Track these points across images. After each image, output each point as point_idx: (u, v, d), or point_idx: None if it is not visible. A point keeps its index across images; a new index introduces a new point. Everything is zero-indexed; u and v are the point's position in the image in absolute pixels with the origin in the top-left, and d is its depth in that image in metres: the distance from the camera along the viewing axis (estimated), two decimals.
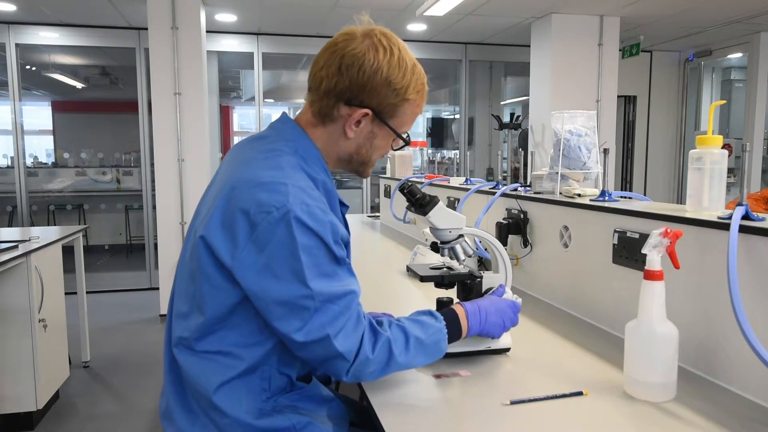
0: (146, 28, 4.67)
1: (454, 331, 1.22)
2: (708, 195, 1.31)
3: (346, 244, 1.15)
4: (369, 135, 1.18)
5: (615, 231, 1.54)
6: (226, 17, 5.28)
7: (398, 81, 1.13)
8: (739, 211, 1.16)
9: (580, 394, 1.16)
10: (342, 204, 1.27)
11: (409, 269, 1.56)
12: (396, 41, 1.16)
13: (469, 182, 2.74)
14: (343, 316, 1.06)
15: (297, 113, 1.25)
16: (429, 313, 1.22)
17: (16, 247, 2.74)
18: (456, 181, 2.91)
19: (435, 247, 1.43)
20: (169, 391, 1.19)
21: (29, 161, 7.03)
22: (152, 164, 5.07)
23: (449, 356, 1.33)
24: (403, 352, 1.12)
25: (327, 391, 1.25)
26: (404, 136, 1.22)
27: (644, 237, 1.35)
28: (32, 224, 5.98)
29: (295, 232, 1.03)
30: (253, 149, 1.18)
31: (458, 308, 1.26)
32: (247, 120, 11.40)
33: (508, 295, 1.39)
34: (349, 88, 1.12)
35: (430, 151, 4.54)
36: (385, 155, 1.29)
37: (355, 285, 1.12)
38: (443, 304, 1.39)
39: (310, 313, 1.04)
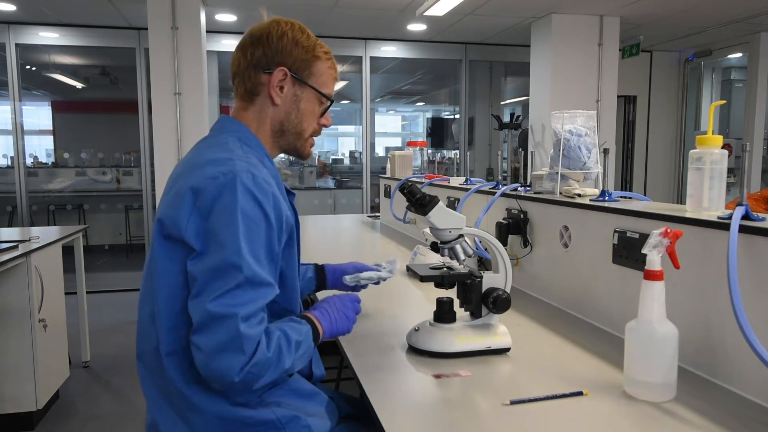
0: (146, 28, 4.67)
1: (315, 335, 1.20)
2: (708, 195, 1.31)
3: (290, 232, 1.19)
4: (294, 99, 1.26)
5: (615, 231, 1.55)
6: (226, 17, 5.28)
7: (304, 40, 1.25)
8: (739, 211, 1.16)
9: (580, 394, 1.16)
10: (289, 192, 1.29)
11: (409, 269, 1.56)
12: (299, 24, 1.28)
13: (469, 182, 2.74)
14: (256, 304, 1.05)
15: None
16: (290, 318, 1.19)
17: (16, 247, 2.74)
18: (456, 181, 2.91)
19: (435, 247, 1.43)
20: (150, 403, 1.19)
21: (29, 161, 7.03)
22: (152, 164, 5.06)
23: (449, 356, 1.34)
24: (289, 353, 1.10)
25: (310, 385, 1.27)
26: (327, 95, 1.28)
27: (644, 237, 1.35)
28: (32, 224, 5.98)
29: (238, 196, 1.06)
30: (199, 146, 1.26)
31: (309, 315, 1.25)
32: None
33: (367, 274, 1.53)
34: (264, 55, 1.22)
35: (430, 151, 4.54)
36: (316, 127, 1.31)
37: (275, 284, 1.11)
38: (443, 304, 1.40)
39: (230, 284, 1.03)
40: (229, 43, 5.94)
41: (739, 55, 6.40)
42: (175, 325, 1.11)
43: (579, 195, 1.79)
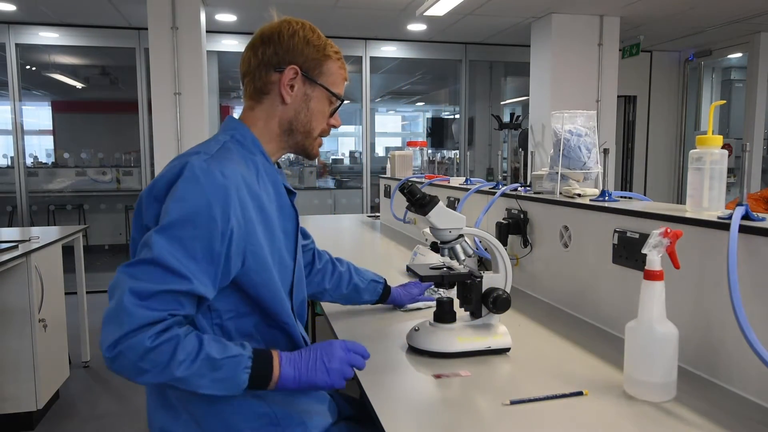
0: (146, 28, 4.67)
1: (262, 369, 1.06)
2: (708, 195, 1.31)
3: (253, 237, 1.12)
4: (304, 98, 1.25)
5: (615, 231, 1.55)
6: (226, 17, 5.28)
7: (315, 39, 1.25)
8: (739, 211, 1.16)
9: (580, 394, 1.16)
10: (290, 191, 1.28)
11: (409, 269, 1.56)
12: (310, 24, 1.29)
13: (469, 182, 2.74)
14: (155, 285, 0.99)
15: None
16: (240, 343, 1.08)
17: (16, 247, 2.74)
18: (456, 181, 2.91)
19: (435, 247, 1.43)
20: (150, 398, 1.19)
21: (29, 161, 7.03)
22: (152, 164, 5.07)
23: (449, 356, 1.34)
24: (187, 363, 0.99)
25: None
26: (337, 95, 1.28)
27: (644, 237, 1.35)
28: (32, 224, 5.98)
29: (180, 184, 1.06)
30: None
31: (274, 351, 1.11)
32: None
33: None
34: (275, 53, 1.22)
35: (430, 151, 4.54)
36: (325, 127, 1.31)
37: (197, 281, 1.02)
38: (443, 304, 1.40)
39: (138, 258, 1.02)
40: (229, 43, 5.94)
41: (739, 55, 6.40)
42: None
43: (579, 195, 1.79)
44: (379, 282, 1.70)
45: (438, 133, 8.78)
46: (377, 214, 4.19)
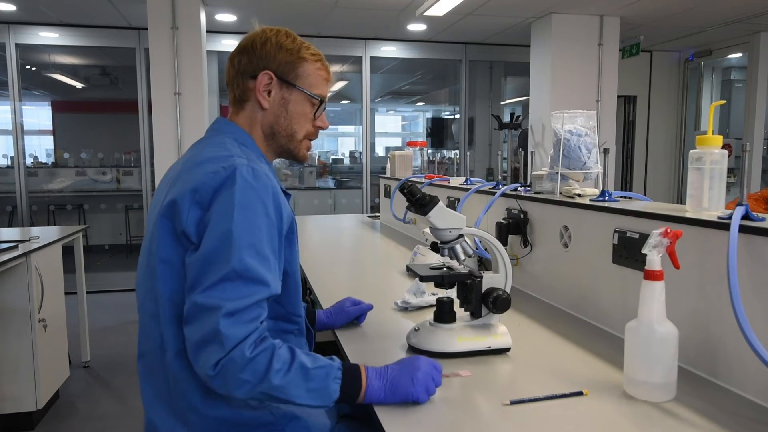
0: (146, 28, 4.67)
1: (351, 380, 1.09)
2: (708, 195, 1.31)
3: (291, 228, 1.19)
4: (281, 101, 1.26)
5: (615, 231, 1.54)
6: (226, 17, 5.28)
7: (288, 44, 1.26)
8: (739, 211, 1.16)
9: (580, 394, 1.16)
10: (285, 193, 1.29)
11: (409, 269, 1.56)
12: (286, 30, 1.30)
13: (469, 182, 2.74)
14: (244, 300, 1.03)
15: None
16: (330, 357, 1.12)
17: (16, 247, 2.74)
18: (456, 181, 2.91)
19: (435, 247, 1.43)
20: (148, 403, 1.19)
21: (29, 161, 7.03)
22: (152, 164, 5.06)
23: (449, 356, 1.34)
24: (283, 372, 1.02)
25: None
26: (316, 96, 1.28)
27: (644, 237, 1.35)
28: (32, 224, 5.98)
29: (236, 188, 1.07)
30: (197, 147, 1.26)
31: (361, 365, 1.14)
32: None
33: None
34: (249, 62, 1.25)
35: (430, 151, 4.54)
36: (310, 129, 1.31)
37: (273, 282, 1.08)
38: (443, 304, 1.40)
39: (219, 275, 1.02)
40: (229, 43, 5.94)
41: (739, 55, 6.40)
42: (181, 324, 1.10)
43: (579, 195, 1.79)
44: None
45: (438, 133, 8.78)
46: (377, 214, 4.19)
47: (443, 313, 1.39)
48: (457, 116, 7.08)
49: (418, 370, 1.12)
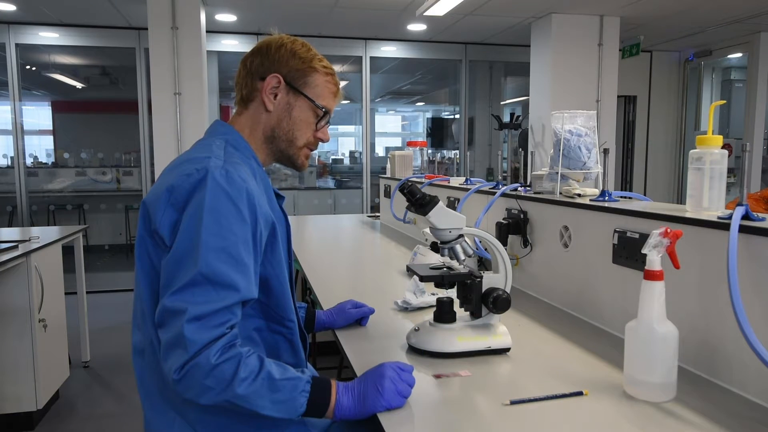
0: (146, 28, 4.67)
1: (319, 393, 1.07)
2: (708, 195, 1.31)
3: (272, 231, 1.17)
4: (286, 106, 1.27)
5: (615, 231, 1.54)
6: (226, 17, 5.28)
7: (302, 52, 1.27)
8: (739, 211, 1.16)
9: (580, 394, 1.16)
10: (278, 195, 1.30)
11: (409, 269, 1.56)
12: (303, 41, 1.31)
13: (469, 182, 2.74)
14: (211, 305, 1.01)
15: None
16: (301, 369, 1.11)
17: (16, 247, 2.74)
18: (456, 181, 2.91)
19: (435, 247, 1.43)
20: (144, 398, 1.19)
21: (29, 161, 7.02)
22: (152, 164, 5.06)
23: (449, 356, 1.34)
24: (249, 381, 1.01)
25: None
26: (321, 107, 1.28)
27: (644, 237, 1.35)
28: (32, 224, 5.98)
29: (207, 191, 1.06)
30: (188, 149, 1.27)
31: (332, 380, 1.12)
32: None
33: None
34: (261, 64, 1.26)
35: (430, 151, 4.54)
36: (311, 138, 1.31)
37: (245, 287, 1.06)
38: (443, 304, 1.40)
39: (184, 279, 1.02)
40: (229, 43, 5.94)
41: (739, 55, 6.39)
42: None
43: (579, 195, 1.79)
44: (301, 307, 1.54)
45: (438, 133, 8.77)
46: (377, 214, 4.19)
47: (443, 313, 1.39)
48: (457, 116, 7.08)
49: (382, 378, 1.11)
